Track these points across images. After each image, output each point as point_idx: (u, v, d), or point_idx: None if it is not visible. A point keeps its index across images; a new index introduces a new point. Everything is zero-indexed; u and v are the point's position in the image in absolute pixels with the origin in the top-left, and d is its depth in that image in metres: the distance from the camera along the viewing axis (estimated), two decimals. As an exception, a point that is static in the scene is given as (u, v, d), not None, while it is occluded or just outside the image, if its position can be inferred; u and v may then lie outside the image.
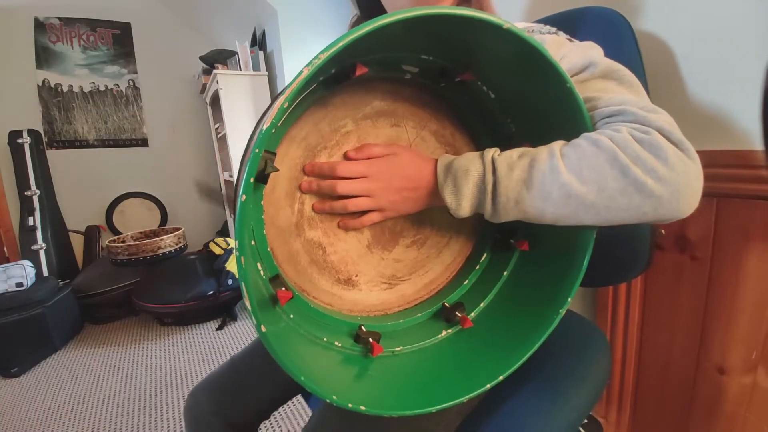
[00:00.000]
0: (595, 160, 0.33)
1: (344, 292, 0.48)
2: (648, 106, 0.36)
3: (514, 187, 0.36)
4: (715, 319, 0.64)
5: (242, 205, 0.30)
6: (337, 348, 0.43)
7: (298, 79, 0.29)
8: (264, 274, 0.41)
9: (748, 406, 0.62)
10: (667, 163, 0.32)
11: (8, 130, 2.25)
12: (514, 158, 0.37)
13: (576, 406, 0.49)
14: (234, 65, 2.18)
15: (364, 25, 0.29)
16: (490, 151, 0.38)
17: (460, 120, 0.49)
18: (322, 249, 0.46)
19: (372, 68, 0.38)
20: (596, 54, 0.42)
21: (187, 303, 1.88)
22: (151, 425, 1.27)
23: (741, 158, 0.56)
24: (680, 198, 0.32)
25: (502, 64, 0.39)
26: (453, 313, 0.48)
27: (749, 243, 0.58)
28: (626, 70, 0.40)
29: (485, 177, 0.37)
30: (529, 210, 0.36)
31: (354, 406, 0.35)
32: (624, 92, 0.39)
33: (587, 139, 0.35)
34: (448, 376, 0.43)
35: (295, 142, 0.42)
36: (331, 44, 0.29)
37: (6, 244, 2.29)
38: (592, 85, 0.40)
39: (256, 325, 0.31)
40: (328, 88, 0.41)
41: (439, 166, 0.41)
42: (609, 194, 0.33)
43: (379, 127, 0.45)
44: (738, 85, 0.57)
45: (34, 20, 2.41)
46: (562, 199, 0.34)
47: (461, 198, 0.38)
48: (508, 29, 0.31)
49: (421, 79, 0.44)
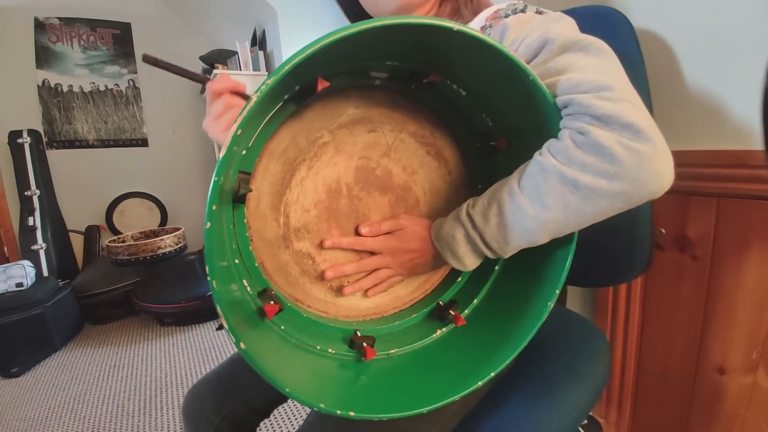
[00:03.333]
0: (547, 185, 0.35)
1: (338, 299, 0.48)
2: (601, 83, 0.32)
3: (497, 233, 0.39)
4: (715, 319, 0.64)
5: (208, 232, 0.31)
6: (331, 355, 0.44)
7: (248, 106, 0.30)
8: (252, 290, 0.41)
9: (748, 406, 0.62)
10: (613, 159, 0.31)
11: (8, 130, 2.25)
12: (485, 206, 0.40)
13: (576, 406, 0.49)
14: (234, 65, 2.18)
15: (312, 44, 0.28)
16: (464, 207, 0.42)
17: (438, 118, 0.48)
18: (311, 259, 0.46)
19: (340, 78, 0.39)
20: (555, 28, 0.38)
21: (187, 303, 1.88)
22: (151, 425, 1.27)
23: (741, 158, 0.56)
24: (644, 184, 0.32)
25: (467, 62, 0.39)
26: (447, 311, 0.48)
27: (749, 243, 0.58)
28: (593, 38, 0.36)
29: (469, 234, 0.41)
30: (521, 243, 0.39)
31: (343, 413, 0.35)
32: (586, 65, 0.35)
33: (536, 165, 0.36)
34: (440, 376, 0.43)
35: (274, 156, 0.43)
36: (279, 68, 0.29)
37: (6, 244, 2.28)
38: (554, 65, 0.36)
39: (235, 342, 0.32)
40: (298, 103, 0.41)
41: (432, 238, 0.45)
42: (574, 209, 0.34)
43: (356, 134, 0.45)
44: (738, 84, 0.57)
45: (34, 20, 2.41)
46: (538, 227, 0.36)
47: (462, 259, 0.42)
48: (458, 31, 0.31)
49: (391, 83, 0.44)
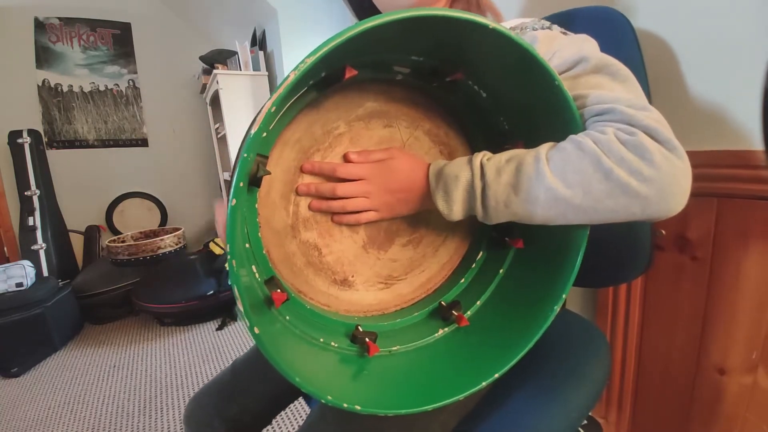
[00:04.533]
0: (579, 163, 0.34)
1: (341, 292, 0.48)
2: (638, 103, 0.35)
3: (503, 191, 0.37)
4: (715, 320, 0.64)
5: (233, 209, 0.30)
6: (334, 348, 0.43)
7: (285, 83, 0.29)
8: (259, 277, 0.40)
9: (748, 407, 0.62)
10: (652, 163, 0.32)
11: (8, 130, 2.25)
12: (502, 162, 0.38)
13: (576, 406, 0.49)
14: (234, 65, 2.18)
15: (350, 28, 0.28)
16: (479, 156, 0.39)
17: (454, 119, 0.48)
18: (317, 250, 0.46)
19: (363, 70, 0.38)
20: (589, 48, 0.41)
21: (187, 303, 1.88)
22: (150, 425, 1.27)
23: (741, 158, 0.56)
24: (667, 197, 0.32)
25: (492, 63, 0.39)
26: (449, 311, 0.48)
27: (749, 243, 0.58)
28: (620, 64, 0.39)
29: (474, 182, 0.38)
30: (519, 212, 0.37)
31: (349, 406, 0.35)
32: (616, 88, 0.38)
33: (572, 142, 0.35)
34: (444, 375, 0.43)
35: (289, 144, 0.42)
36: (318, 48, 0.29)
37: (6, 244, 2.29)
38: (585, 81, 0.39)
39: (249, 327, 0.32)
40: (320, 91, 0.41)
41: (430, 173, 0.42)
42: (595, 196, 0.33)
43: (372, 128, 0.45)
44: (738, 85, 0.57)
45: (34, 20, 2.41)
46: (549, 201, 0.35)
47: (452, 203, 0.40)
48: (493, 29, 0.31)
49: (412, 79, 0.44)
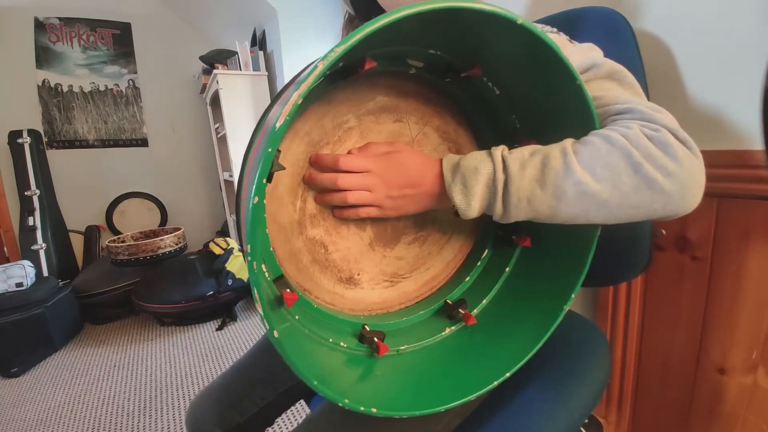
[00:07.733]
0: (609, 157, 0.33)
1: (346, 290, 0.47)
2: (653, 105, 0.36)
3: (527, 186, 0.35)
4: (715, 319, 0.64)
5: (254, 208, 0.28)
6: (343, 348, 0.42)
7: (314, 73, 0.28)
8: (268, 276, 0.39)
9: (748, 406, 0.62)
10: (676, 159, 0.32)
11: (8, 130, 2.25)
12: (526, 156, 0.36)
13: (577, 405, 0.49)
14: (234, 65, 2.18)
15: (379, 19, 0.28)
16: (498, 149, 0.37)
17: (463, 116, 0.48)
18: (324, 247, 0.45)
19: (378, 62, 0.37)
20: (598, 55, 0.43)
21: (187, 303, 1.88)
22: (151, 425, 1.27)
23: (741, 158, 0.56)
24: (688, 193, 0.33)
25: (511, 60, 0.38)
26: (456, 310, 0.47)
27: (749, 243, 0.58)
28: (628, 72, 0.41)
29: (496, 175, 0.36)
30: (542, 209, 0.35)
31: (366, 409, 0.34)
32: (625, 93, 0.39)
33: (599, 136, 0.35)
34: (455, 374, 0.43)
35: (298, 137, 0.42)
36: (349, 36, 0.28)
37: (6, 244, 2.28)
38: (596, 85, 0.40)
39: (268, 331, 0.30)
40: (333, 83, 0.40)
41: (445, 167, 0.39)
42: (622, 191, 0.33)
43: (382, 122, 0.45)
44: (738, 85, 0.57)
45: (34, 20, 2.41)
46: (576, 197, 0.34)
47: (471, 198, 0.37)
48: (521, 24, 0.31)
49: (425, 74, 0.44)
